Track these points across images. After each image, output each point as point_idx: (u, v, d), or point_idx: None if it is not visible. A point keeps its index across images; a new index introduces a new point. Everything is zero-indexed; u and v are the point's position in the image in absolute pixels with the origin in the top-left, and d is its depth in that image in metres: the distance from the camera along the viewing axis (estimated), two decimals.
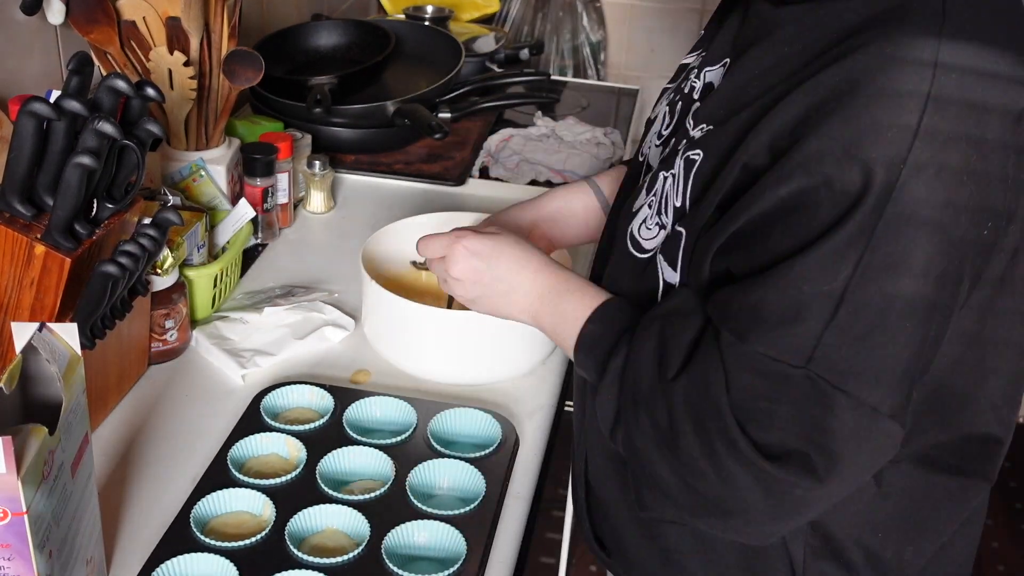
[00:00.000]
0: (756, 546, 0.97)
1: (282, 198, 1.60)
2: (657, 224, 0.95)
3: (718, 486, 0.84)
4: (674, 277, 0.93)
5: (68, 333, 0.85)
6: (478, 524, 1.04)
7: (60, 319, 1.03)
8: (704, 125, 0.92)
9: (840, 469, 0.81)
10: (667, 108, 1.06)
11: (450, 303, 1.25)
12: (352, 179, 1.81)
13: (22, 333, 0.82)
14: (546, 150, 1.87)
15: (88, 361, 0.96)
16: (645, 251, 0.97)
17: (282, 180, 1.58)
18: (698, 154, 0.90)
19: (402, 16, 2.36)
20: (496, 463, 1.12)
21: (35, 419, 0.79)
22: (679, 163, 0.93)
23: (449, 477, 1.10)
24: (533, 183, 1.81)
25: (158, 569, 0.96)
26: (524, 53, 2.29)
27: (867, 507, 0.94)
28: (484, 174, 1.84)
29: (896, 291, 0.78)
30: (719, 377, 0.83)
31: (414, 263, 1.35)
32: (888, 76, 0.77)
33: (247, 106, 1.90)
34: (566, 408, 1.42)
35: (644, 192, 1.00)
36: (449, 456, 1.12)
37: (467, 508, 1.06)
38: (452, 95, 1.99)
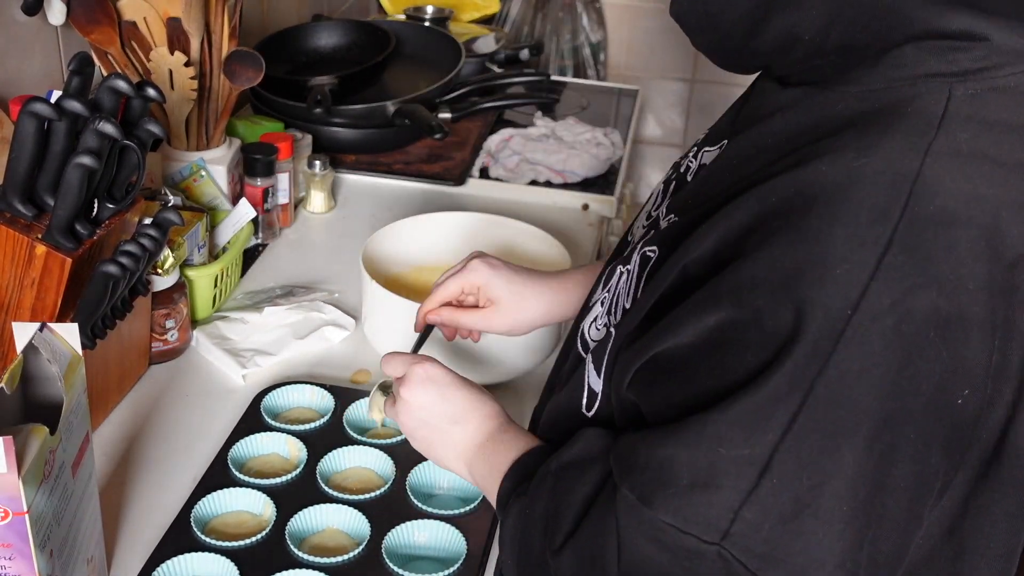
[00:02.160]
0: None
1: (282, 198, 1.60)
2: (605, 325, 0.84)
3: None
4: (598, 384, 0.81)
5: (69, 333, 0.85)
6: (478, 524, 1.04)
7: (61, 319, 1.04)
8: (672, 216, 0.82)
9: None
10: (661, 187, 0.94)
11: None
12: (352, 179, 1.81)
13: (23, 333, 0.82)
14: (546, 150, 1.87)
15: (89, 361, 0.97)
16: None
17: (282, 180, 1.58)
18: (654, 250, 0.79)
19: (402, 16, 2.36)
20: None
21: (36, 419, 0.79)
22: (635, 258, 0.81)
23: (449, 477, 1.11)
24: (533, 183, 1.81)
25: (159, 568, 0.96)
26: (524, 53, 2.29)
27: None
28: (484, 174, 1.85)
29: (834, 466, 0.63)
30: (611, 545, 0.70)
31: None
32: (849, 197, 0.64)
33: (247, 106, 1.90)
34: None
35: (600, 286, 0.88)
36: None
37: (467, 508, 1.06)
38: (452, 95, 1.99)
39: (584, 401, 0.83)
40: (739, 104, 0.87)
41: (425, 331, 1.13)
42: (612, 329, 0.80)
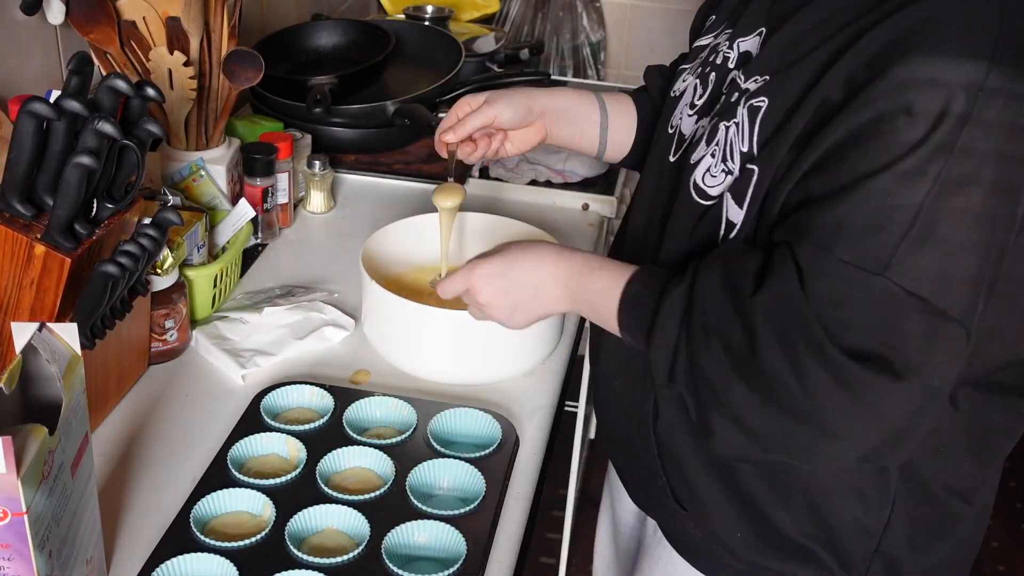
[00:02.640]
0: (828, 487, 1.02)
1: (282, 198, 1.60)
2: (723, 171, 1.00)
3: (800, 395, 0.88)
4: (738, 215, 0.97)
5: (68, 333, 0.85)
6: (478, 524, 1.04)
7: (60, 319, 1.03)
8: (758, 77, 0.98)
9: (915, 368, 0.87)
10: (697, 81, 1.11)
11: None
12: (352, 179, 1.81)
13: (22, 333, 0.82)
14: (546, 150, 1.87)
15: (88, 361, 0.96)
16: (711, 198, 1.01)
17: (282, 180, 1.58)
18: (762, 101, 0.96)
19: (402, 16, 2.36)
20: (496, 463, 1.12)
21: (35, 419, 0.79)
22: (742, 112, 0.98)
23: (449, 477, 1.10)
24: (533, 183, 1.81)
25: (158, 569, 0.96)
26: (524, 53, 2.29)
27: (942, 429, 0.99)
28: (484, 174, 1.84)
29: (967, 205, 0.85)
30: (797, 288, 0.88)
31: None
32: (962, 14, 0.85)
33: (247, 106, 1.90)
34: (566, 408, 1.43)
35: (704, 143, 1.03)
36: (449, 456, 1.12)
37: (467, 508, 1.06)
38: (452, 95, 1.98)
39: (721, 233, 0.99)
40: (767, 1, 1.04)
41: (451, 158, 1.28)
42: (750, 166, 0.96)
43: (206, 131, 1.49)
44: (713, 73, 1.09)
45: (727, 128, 1.00)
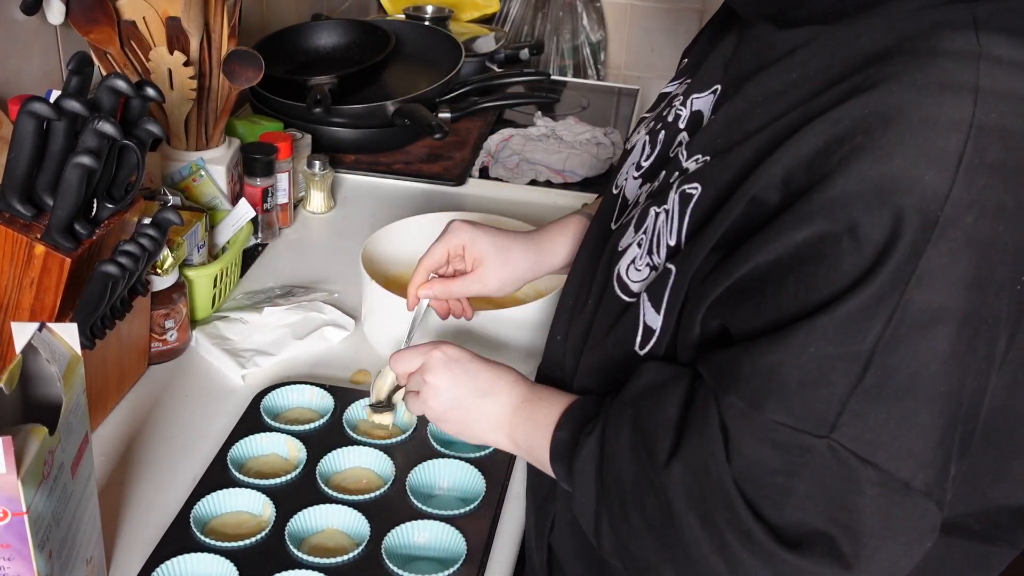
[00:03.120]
0: None
1: (282, 198, 1.60)
2: (648, 265, 0.88)
3: None
4: (656, 321, 0.85)
5: (68, 333, 0.85)
6: (478, 524, 1.04)
7: (60, 319, 1.03)
8: (700, 156, 0.85)
9: (870, 553, 0.72)
10: (647, 138, 0.99)
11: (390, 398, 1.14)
12: (352, 179, 1.81)
13: (22, 333, 0.82)
14: (546, 150, 1.87)
15: (88, 361, 0.96)
16: (633, 294, 0.89)
17: (282, 180, 1.58)
18: (696, 188, 0.83)
19: (402, 16, 2.36)
20: (496, 463, 1.12)
21: (35, 419, 0.79)
22: (673, 197, 0.85)
23: (449, 477, 1.10)
24: (533, 183, 1.81)
25: (158, 569, 0.96)
26: (524, 53, 2.29)
27: None
28: (484, 174, 1.84)
29: (930, 351, 0.70)
30: (720, 457, 0.75)
31: (370, 406, 1.16)
32: (925, 112, 0.70)
33: (247, 106, 1.90)
34: None
35: (632, 229, 0.91)
36: (449, 456, 1.12)
37: (467, 508, 1.06)
38: (452, 95, 1.99)
39: (639, 339, 0.87)
40: (726, 51, 0.91)
41: (417, 312, 1.14)
42: (669, 265, 0.84)
43: (206, 131, 1.49)
44: (663, 132, 0.96)
45: (657, 215, 0.87)
